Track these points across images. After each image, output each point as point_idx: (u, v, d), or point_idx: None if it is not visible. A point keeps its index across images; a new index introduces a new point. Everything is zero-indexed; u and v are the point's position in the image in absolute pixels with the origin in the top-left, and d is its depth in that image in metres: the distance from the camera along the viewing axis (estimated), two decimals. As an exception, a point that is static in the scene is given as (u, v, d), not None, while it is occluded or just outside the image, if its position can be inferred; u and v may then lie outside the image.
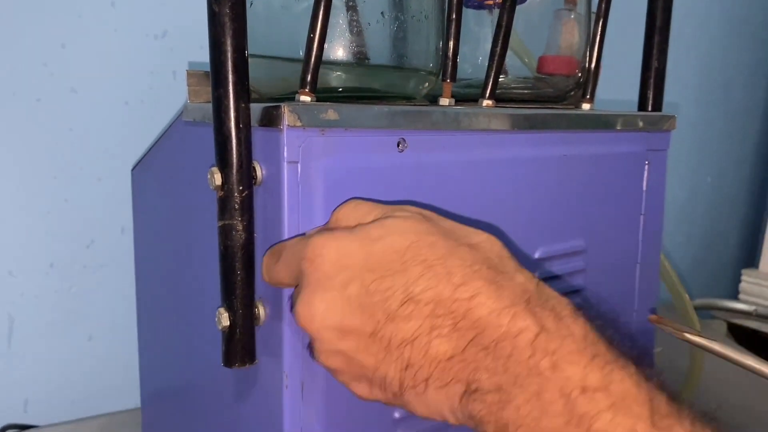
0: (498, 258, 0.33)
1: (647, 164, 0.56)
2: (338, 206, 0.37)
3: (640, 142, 0.55)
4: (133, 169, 0.57)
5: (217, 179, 0.37)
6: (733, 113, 1.39)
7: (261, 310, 0.39)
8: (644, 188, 0.55)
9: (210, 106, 0.44)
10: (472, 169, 0.44)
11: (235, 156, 0.37)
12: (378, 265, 0.32)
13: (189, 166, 0.47)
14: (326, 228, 0.37)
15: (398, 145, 0.40)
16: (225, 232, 0.37)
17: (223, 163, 0.37)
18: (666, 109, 0.59)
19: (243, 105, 0.37)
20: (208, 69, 0.50)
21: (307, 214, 0.37)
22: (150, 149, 0.53)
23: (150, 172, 0.53)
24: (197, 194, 0.46)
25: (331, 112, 0.38)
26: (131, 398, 0.80)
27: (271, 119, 0.37)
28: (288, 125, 0.36)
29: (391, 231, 0.33)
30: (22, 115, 0.70)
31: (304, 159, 0.37)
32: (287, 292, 0.38)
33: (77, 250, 0.75)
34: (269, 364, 0.39)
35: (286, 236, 0.37)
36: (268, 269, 0.37)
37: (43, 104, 0.71)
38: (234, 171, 0.37)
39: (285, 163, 0.36)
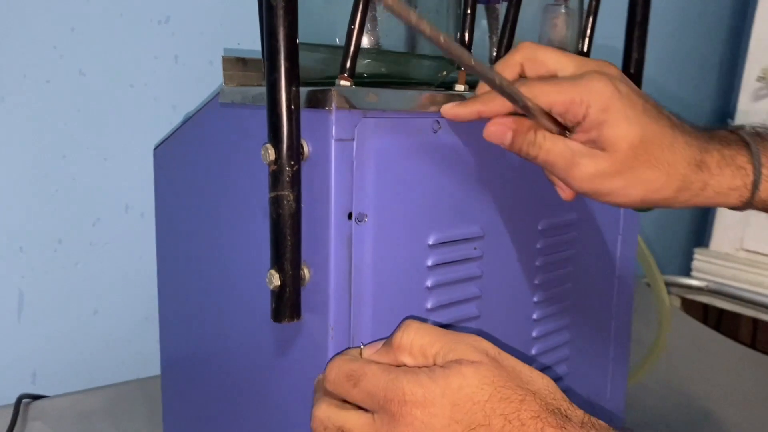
0: (558, 404, 0.38)
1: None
2: (399, 329, 0.41)
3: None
4: (155, 148, 0.61)
5: (271, 155, 0.41)
6: (685, 105, 1.48)
7: (306, 272, 0.44)
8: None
9: (248, 89, 0.49)
10: (486, 148, 0.49)
11: (286, 134, 0.41)
12: (463, 416, 0.36)
13: (225, 144, 0.51)
14: (392, 348, 0.40)
15: (434, 127, 0.45)
16: (277, 202, 0.42)
17: (276, 140, 0.41)
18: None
19: (294, 89, 0.41)
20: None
21: (360, 188, 0.42)
22: (177, 129, 0.57)
23: (178, 150, 0.57)
24: (232, 169, 0.50)
25: (372, 95, 0.42)
26: (135, 370, 0.84)
27: (318, 101, 0.42)
28: (337, 107, 0.41)
29: (470, 382, 0.37)
30: (33, 97, 0.72)
31: (359, 137, 0.41)
32: (332, 256, 0.43)
33: (84, 228, 0.78)
34: (314, 320, 0.44)
35: (332, 208, 0.42)
36: (338, 389, 0.41)
37: (52, 86, 0.73)
38: (285, 147, 0.41)
39: (333, 141, 0.41)
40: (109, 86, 0.77)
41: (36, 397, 0.75)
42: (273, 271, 0.43)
